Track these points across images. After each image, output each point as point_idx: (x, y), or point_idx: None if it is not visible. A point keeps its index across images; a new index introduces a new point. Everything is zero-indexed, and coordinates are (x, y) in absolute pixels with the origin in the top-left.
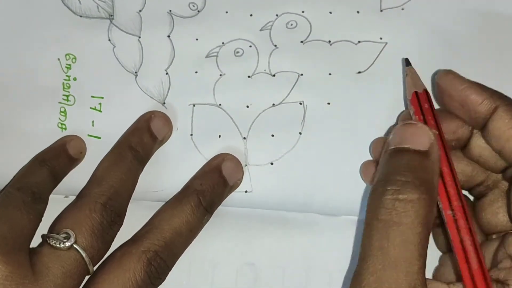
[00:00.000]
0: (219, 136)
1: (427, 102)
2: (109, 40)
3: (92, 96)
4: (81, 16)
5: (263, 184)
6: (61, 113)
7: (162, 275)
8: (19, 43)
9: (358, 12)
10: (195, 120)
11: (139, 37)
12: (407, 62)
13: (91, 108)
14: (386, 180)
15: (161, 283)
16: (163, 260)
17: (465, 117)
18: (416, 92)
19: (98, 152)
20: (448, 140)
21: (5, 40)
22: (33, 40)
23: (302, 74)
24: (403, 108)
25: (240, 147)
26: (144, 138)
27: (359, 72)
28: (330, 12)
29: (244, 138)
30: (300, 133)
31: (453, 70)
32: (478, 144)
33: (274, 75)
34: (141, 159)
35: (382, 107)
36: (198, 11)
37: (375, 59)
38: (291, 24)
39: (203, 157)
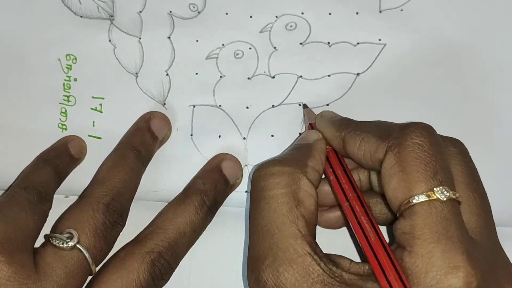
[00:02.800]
0: (219, 136)
1: None
2: (110, 40)
3: (92, 97)
4: (81, 17)
5: None
6: (62, 114)
7: (165, 275)
8: (20, 44)
9: (357, 13)
10: (195, 120)
11: (140, 38)
12: (304, 106)
13: (91, 108)
14: (266, 161)
15: (164, 284)
16: (166, 261)
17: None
18: (310, 124)
19: (98, 152)
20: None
21: (6, 40)
22: (34, 41)
23: (301, 76)
24: (403, 108)
25: (240, 148)
26: (145, 138)
27: (358, 74)
28: (329, 14)
29: (244, 138)
30: (299, 134)
31: (326, 111)
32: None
33: (273, 77)
34: (143, 159)
35: (381, 108)
36: (198, 12)
37: (374, 60)
38: (291, 26)
39: (203, 157)
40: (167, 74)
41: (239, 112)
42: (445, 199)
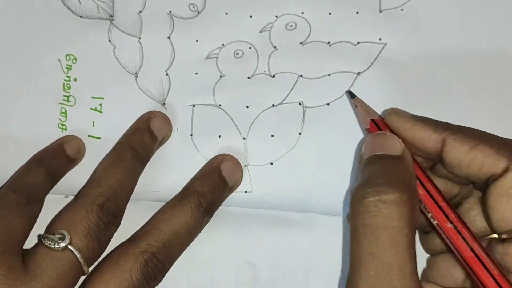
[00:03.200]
0: (219, 136)
1: (387, 127)
2: (110, 41)
3: (92, 97)
4: (81, 17)
5: (263, 184)
6: (62, 114)
7: (158, 276)
8: (20, 44)
9: (357, 13)
10: (195, 120)
11: (140, 38)
12: (351, 95)
13: (91, 108)
14: (366, 184)
15: (157, 284)
16: (160, 262)
17: (420, 154)
18: (373, 120)
19: (98, 152)
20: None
21: (6, 40)
22: (34, 41)
23: (301, 75)
24: (403, 108)
25: (240, 147)
26: (144, 138)
27: (359, 73)
28: (330, 13)
29: (244, 138)
30: (299, 133)
31: (398, 108)
32: (442, 171)
33: (273, 76)
34: (142, 159)
35: (381, 108)
36: (198, 12)
37: (374, 60)
38: (291, 25)
39: (203, 157)
40: (167, 74)
41: (239, 111)
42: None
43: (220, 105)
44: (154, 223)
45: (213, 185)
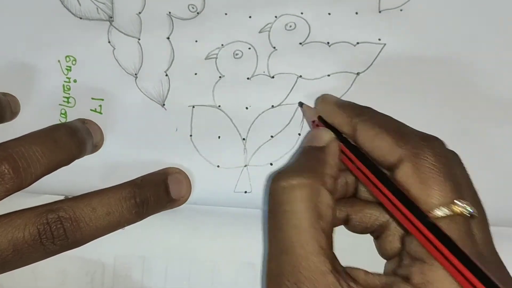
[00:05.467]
0: (219, 137)
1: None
2: (109, 42)
3: (92, 98)
4: (81, 18)
5: (262, 184)
6: (62, 115)
7: (56, 241)
8: (20, 45)
9: (356, 13)
10: (194, 121)
11: (139, 39)
12: (300, 104)
13: (91, 110)
14: (280, 170)
15: (52, 252)
16: (63, 227)
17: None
18: (314, 120)
19: (97, 153)
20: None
21: (6, 42)
22: (33, 42)
23: (301, 76)
24: (402, 108)
25: (239, 148)
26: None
27: (358, 73)
28: (329, 14)
29: (244, 139)
30: (299, 134)
31: (327, 94)
32: None
33: (273, 77)
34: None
35: (380, 108)
36: (198, 13)
37: (374, 60)
38: (290, 26)
39: (203, 158)
40: (166, 75)
41: (238, 112)
42: (467, 214)
43: (219, 106)
44: (77, 196)
45: (154, 186)
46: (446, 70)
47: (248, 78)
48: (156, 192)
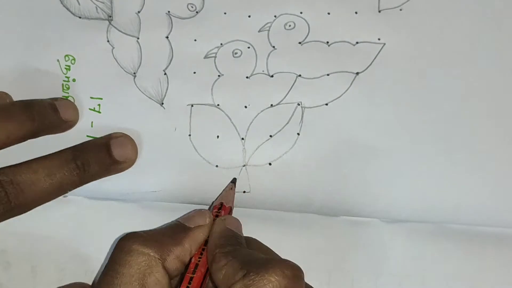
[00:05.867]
0: (217, 136)
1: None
2: (108, 41)
3: (91, 97)
4: (80, 17)
5: (261, 184)
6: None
7: None
8: (19, 45)
9: (356, 13)
10: (193, 120)
11: (138, 38)
12: (233, 181)
13: (90, 109)
14: (135, 232)
15: None
16: (5, 192)
17: None
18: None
19: None
20: None
21: (5, 41)
22: (33, 42)
23: (300, 75)
24: (401, 108)
25: (238, 148)
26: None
27: (357, 73)
28: (328, 13)
29: (243, 138)
30: (298, 134)
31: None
32: None
33: (272, 76)
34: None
35: (379, 108)
36: (197, 12)
37: (373, 60)
38: (289, 25)
39: (202, 158)
40: (165, 74)
41: (237, 111)
42: None
43: (218, 105)
44: (18, 163)
45: (95, 148)
46: (446, 70)
47: (247, 77)
48: (97, 154)
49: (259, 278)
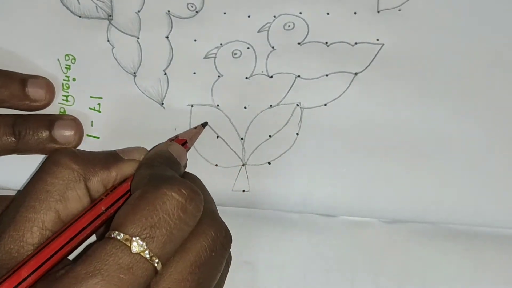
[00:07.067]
0: (217, 136)
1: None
2: (108, 40)
3: (91, 97)
4: (80, 17)
5: (260, 184)
6: (61, 113)
7: None
8: (19, 44)
9: (355, 13)
10: (193, 120)
11: (138, 38)
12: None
13: (90, 108)
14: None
15: None
16: None
17: None
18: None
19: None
20: None
21: (5, 41)
22: (33, 41)
23: (299, 76)
24: (400, 108)
25: (238, 147)
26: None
27: (356, 73)
28: (327, 14)
29: (242, 138)
30: (297, 134)
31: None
32: None
33: (271, 77)
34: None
35: (378, 108)
36: (197, 12)
37: (372, 60)
38: (289, 26)
39: (201, 157)
40: (165, 74)
41: (237, 112)
42: (135, 251)
43: (218, 105)
44: None
45: (37, 121)
46: (445, 70)
47: (246, 78)
48: (37, 127)
49: (156, 190)
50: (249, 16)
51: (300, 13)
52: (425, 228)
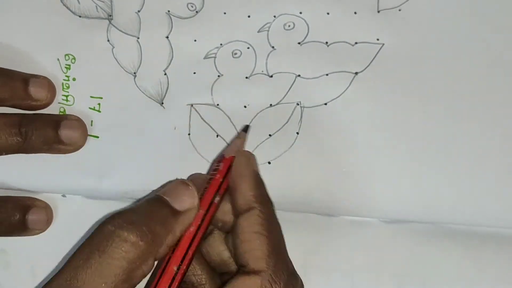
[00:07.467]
0: (217, 136)
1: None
2: (108, 40)
3: (91, 96)
4: (80, 17)
5: None
6: (61, 113)
7: None
8: (19, 43)
9: (355, 13)
10: (193, 120)
11: (138, 38)
12: (245, 128)
13: (90, 108)
14: (120, 213)
15: None
16: None
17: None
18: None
19: (97, 151)
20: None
21: (5, 40)
22: (33, 41)
23: (299, 75)
24: (400, 108)
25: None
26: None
27: (356, 73)
28: (328, 13)
29: None
30: (297, 133)
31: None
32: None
33: (271, 76)
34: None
35: (378, 108)
36: (197, 11)
37: (372, 60)
38: (289, 26)
39: (201, 157)
40: (165, 74)
41: (237, 111)
42: None
43: (218, 104)
44: None
45: (44, 121)
46: (445, 70)
47: (246, 77)
48: (44, 129)
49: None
50: (249, 16)
51: (300, 13)
52: (425, 228)
